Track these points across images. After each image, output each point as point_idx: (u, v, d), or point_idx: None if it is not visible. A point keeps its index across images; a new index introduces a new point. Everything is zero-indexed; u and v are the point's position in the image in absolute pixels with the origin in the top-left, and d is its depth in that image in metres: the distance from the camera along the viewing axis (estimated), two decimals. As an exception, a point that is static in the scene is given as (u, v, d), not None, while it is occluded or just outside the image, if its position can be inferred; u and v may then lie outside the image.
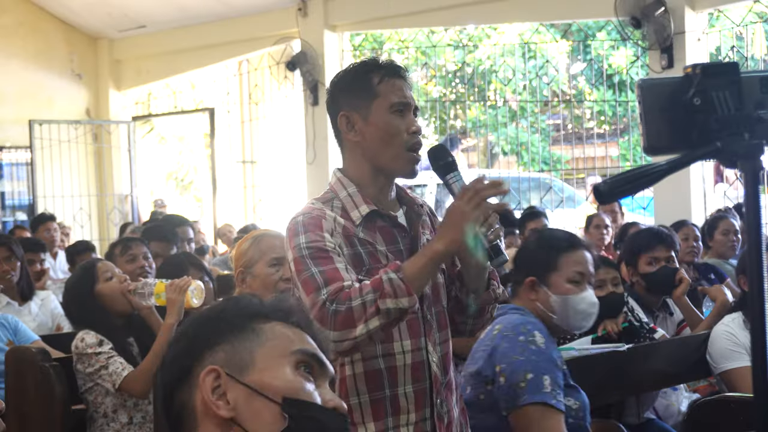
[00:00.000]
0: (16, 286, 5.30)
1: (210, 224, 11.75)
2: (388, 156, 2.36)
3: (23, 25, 12.13)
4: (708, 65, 1.64)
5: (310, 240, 2.25)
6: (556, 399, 2.87)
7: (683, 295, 4.60)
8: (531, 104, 10.63)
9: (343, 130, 2.41)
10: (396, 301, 2.13)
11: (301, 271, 2.22)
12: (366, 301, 2.13)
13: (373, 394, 2.30)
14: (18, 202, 12.30)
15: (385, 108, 2.35)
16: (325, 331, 2.11)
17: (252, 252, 3.26)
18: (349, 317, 2.12)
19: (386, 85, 2.36)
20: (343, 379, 2.31)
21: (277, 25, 10.55)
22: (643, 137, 1.68)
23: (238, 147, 12.35)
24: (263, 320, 1.52)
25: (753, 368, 1.53)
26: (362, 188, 2.39)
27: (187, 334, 1.53)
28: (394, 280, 2.14)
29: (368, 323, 2.12)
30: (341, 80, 2.44)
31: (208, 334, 1.50)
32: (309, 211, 2.34)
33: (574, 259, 3.07)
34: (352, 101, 2.38)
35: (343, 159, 2.48)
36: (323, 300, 2.14)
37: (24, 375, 3.74)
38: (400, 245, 2.38)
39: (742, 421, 3.37)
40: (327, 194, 2.44)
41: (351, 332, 2.13)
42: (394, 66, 2.41)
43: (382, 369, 2.30)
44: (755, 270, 1.54)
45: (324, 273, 2.19)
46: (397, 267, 2.17)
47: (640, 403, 4.07)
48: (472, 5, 9.42)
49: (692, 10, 8.16)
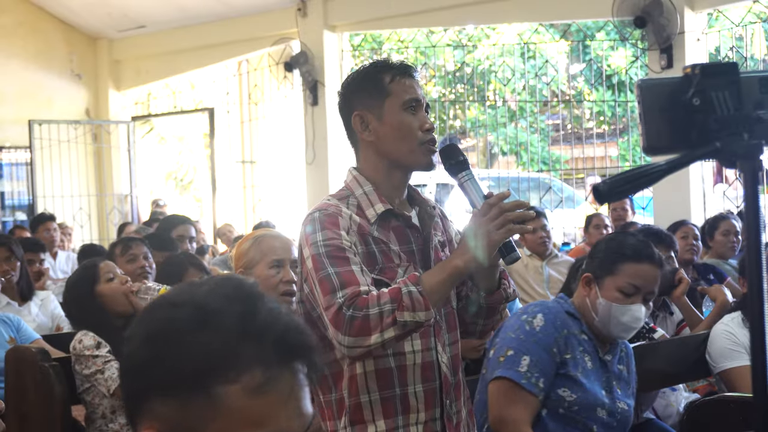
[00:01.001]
0: (16, 286, 5.31)
1: (209, 224, 11.75)
2: (403, 151, 2.38)
3: (23, 25, 12.13)
4: (707, 65, 1.65)
5: (328, 238, 2.25)
6: (527, 380, 2.93)
7: (683, 295, 4.60)
8: (530, 104, 10.63)
9: (357, 129, 2.43)
10: (413, 314, 2.13)
11: (318, 269, 2.22)
12: (383, 311, 2.13)
13: (384, 392, 2.30)
14: (18, 202, 12.30)
15: (398, 106, 2.37)
16: (339, 336, 2.13)
17: (252, 253, 3.25)
18: (366, 325, 2.12)
19: (397, 84, 2.38)
20: (354, 377, 2.31)
21: (276, 26, 10.55)
22: (642, 137, 1.69)
23: (238, 147, 12.35)
24: (223, 381, 1.10)
25: (752, 367, 1.53)
26: (378, 187, 2.41)
27: (132, 365, 1.17)
28: (414, 294, 2.14)
29: (383, 333, 2.13)
30: (353, 81, 2.46)
31: (154, 378, 1.13)
32: (325, 208, 2.34)
33: (634, 271, 3.06)
34: (365, 101, 2.40)
35: (357, 158, 2.49)
36: (340, 304, 2.14)
37: (24, 375, 3.74)
38: (413, 245, 2.39)
39: (741, 420, 3.37)
40: (343, 191, 2.44)
41: (365, 340, 2.13)
42: (405, 65, 2.44)
43: (393, 368, 2.31)
44: (755, 270, 1.54)
45: (340, 275, 2.19)
46: (416, 279, 2.18)
47: (639, 403, 4.07)
48: (471, 5, 9.42)
49: (691, 10, 8.17)
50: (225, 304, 1.14)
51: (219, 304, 1.14)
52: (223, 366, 1.11)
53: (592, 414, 3.03)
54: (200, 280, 1.21)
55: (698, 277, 5.67)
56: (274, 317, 1.16)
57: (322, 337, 2.27)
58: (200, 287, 1.18)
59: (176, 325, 1.13)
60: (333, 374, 2.34)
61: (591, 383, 3.07)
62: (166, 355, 1.12)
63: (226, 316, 1.13)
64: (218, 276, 1.25)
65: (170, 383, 1.11)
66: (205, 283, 1.20)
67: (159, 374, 1.12)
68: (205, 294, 1.16)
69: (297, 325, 1.18)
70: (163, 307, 1.17)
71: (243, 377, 1.11)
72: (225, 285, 1.18)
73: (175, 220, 6.76)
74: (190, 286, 1.20)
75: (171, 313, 1.15)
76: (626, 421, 3.16)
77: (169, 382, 1.11)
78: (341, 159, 10.39)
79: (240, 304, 1.15)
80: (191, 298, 1.16)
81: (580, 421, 3.02)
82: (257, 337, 1.13)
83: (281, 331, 1.15)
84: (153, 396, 1.12)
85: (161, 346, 1.12)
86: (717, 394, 3.95)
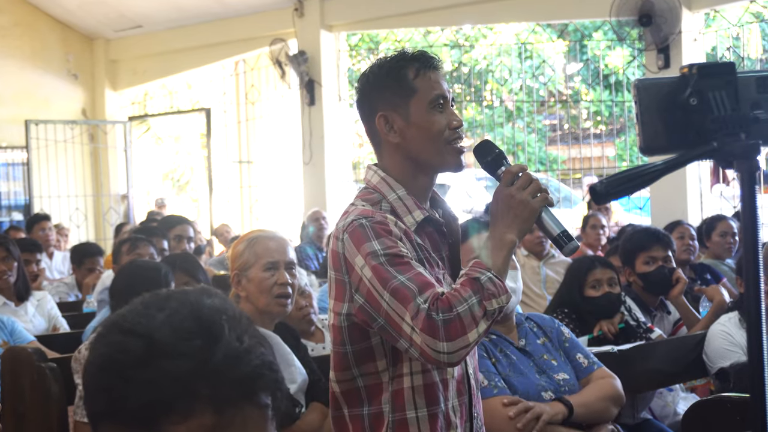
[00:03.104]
0: (12, 286, 5.29)
1: (207, 224, 11.75)
2: (431, 152, 2.24)
3: (19, 26, 12.12)
4: (704, 65, 1.65)
5: (386, 246, 2.10)
6: (494, 387, 3.01)
7: (680, 294, 4.61)
8: (527, 104, 10.62)
9: (382, 131, 2.27)
10: (498, 300, 2.04)
11: (384, 279, 2.07)
12: (471, 306, 2.01)
13: (431, 408, 2.21)
14: (14, 202, 12.28)
15: (425, 105, 2.23)
16: (437, 345, 1.99)
17: (247, 255, 3.20)
18: (461, 325, 2.00)
19: (423, 80, 2.24)
20: (400, 391, 2.19)
21: (273, 25, 10.55)
22: (639, 137, 1.68)
23: (235, 147, 12.35)
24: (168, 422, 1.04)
25: (749, 367, 1.53)
26: (408, 190, 2.27)
27: (85, 388, 1.12)
28: (494, 280, 2.05)
29: (478, 327, 2.02)
30: (374, 78, 2.29)
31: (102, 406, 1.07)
32: (370, 215, 2.17)
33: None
34: (389, 100, 2.25)
35: (379, 157, 2.32)
36: (426, 310, 2.00)
37: (20, 375, 3.73)
38: (442, 252, 2.29)
39: (738, 420, 3.36)
40: (371, 195, 2.27)
41: (465, 340, 2.00)
42: (428, 57, 2.28)
43: (437, 382, 2.21)
44: (752, 269, 1.54)
45: (413, 280, 2.05)
46: (486, 266, 2.07)
47: (636, 403, 4.08)
48: (468, 5, 9.42)
49: (689, 10, 8.17)
50: (180, 338, 1.05)
51: (173, 338, 1.05)
52: (170, 407, 1.03)
53: (540, 402, 3.06)
54: (161, 301, 1.10)
55: (695, 276, 5.68)
56: (235, 354, 1.06)
57: (368, 348, 2.18)
58: (158, 312, 1.08)
59: (124, 356, 1.05)
60: (367, 387, 2.21)
61: (524, 376, 3.11)
62: (112, 387, 1.05)
63: (179, 354, 1.04)
64: (185, 296, 1.11)
65: (116, 415, 1.05)
66: (165, 307, 1.09)
67: (105, 404, 1.06)
68: (160, 324, 1.06)
69: (263, 360, 1.08)
70: (114, 332, 1.08)
71: (191, 420, 1.03)
72: (185, 315, 1.08)
73: (173, 221, 6.77)
74: (149, 308, 1.09)
75: (121, 343, 1.06)
76: (573, 387, 3.19)
77: (115, 413, 1.05)
78: (338, 159, 10.39)
79: (198, 339, 1.05)
80: (145, 327, 1.06)
81: None
82: (212, 378, 1.04)
83: (243, 369, 1.06)
84: (104, 421, 1.07)
85: (108, 376, 1.06)
86: (714, 394, 3.95)
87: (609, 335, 4.03)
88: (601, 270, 4.13)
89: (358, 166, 11.69)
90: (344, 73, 10.62)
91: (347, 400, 2.23)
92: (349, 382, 2.21)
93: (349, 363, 2.19)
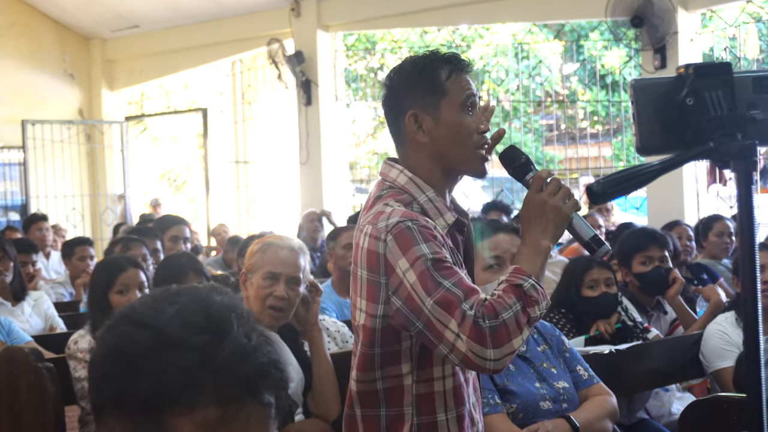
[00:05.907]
0: (9, 286, 5.29)
1: (203, 224, 11.74)
2: (458, 157, 2.24)
3: (15, 25, 12.10)
4: (701, 65, 1.65)
5: (433, 251, 2.08)
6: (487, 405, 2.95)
7: (676, 294, 4.61)
8: (524, 104, 10.64)
9: (410, 129, 2.24)
10: (540, 307, 2.05)
11: (430, 284, 2.05)
12: (516, 312, 2.01)
13: (459, 409, 2.22)
14: (11, 202, 12.27)
15: (456, 106, 2.22)
16: (485, 352, 1.99)
17: (256, 258, 3.19)
18: (507, 332, 2.00)
19: (454, 82, 2.23)
20: (430, 396, 2.19)
21: (270, 25, 10.55)
22: (636, 137, 1.69)
23: (231, 147, 12.34)
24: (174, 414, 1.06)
25: (746, 367, 1.53)
26: (436, 191, 2.25)
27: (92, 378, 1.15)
28: (536, 286, 2.06)
29: (522, 334, 2.02)
30: (406, 76, 2.27)
31: (108, 396, 1.10)
32: (414, 218, 2.14)
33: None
34: (420, 99, 2.23)
35: (403, 157, 2.30)
36: (472, 317, 2.00)
37: (17, 375, 3.72)
38: (460, 254, 2.28)
39: (734, 420, 3.37)
40: (401, 195, 2.24)
41: (510, 347, 2.00)
42: (461, 60, 2.27)
43: (463, 383, 2.23)
44: (748, 269, 1.54)
45: (458, 286, 2.04)
46: (527, 272, 2.08)
47: (632, 403, 4.08)
48: (464, 5, 9.43)
49: (685, 10, 8.18)
50: (189, 332, 1.07)
51: (182, 331, 1.07)
52: (175, 399, 1.05)
53: (538, 411, 3.05)
54: (172, 296, 1.12)
55: (692, 276, 5.68)
56: (242, 350, 1.08)
57: (396, 351, 2.17)
58: (169, 306, 1.10)
59: (132, 347, 1.07)
60: (387, 389, 2.20)
61: (523, 385, 3.09)
62: (119, 377, 1.07)
63: (187, 347, 1.06)
64: (195, 291, 1.14)
65: (122, 405, 1.07)
66: (175, 301, 1.11)
67: (111, 394, 1.08)
68: (170, 317, 1.08)
69: (269, 358, 1.11)
70: (124, 324, 1.10)
71: (196, 413, 1.05)
72: (195, 309, 1.09)
73: (169, 221, 6.75)
74: (159, 302, 1.11)
75: (130, 334, 1.08)
76: (572, 396, 3.17)
77: (121, 403, 1.07)
78: (335, 159, 10.39)
79: (206, 334, 1.07)
80: (155, 319, 1.08)
81: (528, 423, 3.02)
82: (218, 372, 1.06)
83: (250, 366, 1.08)
84: (109, 412, 1.09)
85: (115, 366, 1.08)
86: (711, 394, 3.95)
87: (606, 335, 4.03)
88: (598, 270, 4.14)
89: (355, 166, 11.70)
90: (341, 74, 10.62)
91: (362, 400, 2.23)
92: (369, 383, 2.20)
93: (374, 365, 2.18)
